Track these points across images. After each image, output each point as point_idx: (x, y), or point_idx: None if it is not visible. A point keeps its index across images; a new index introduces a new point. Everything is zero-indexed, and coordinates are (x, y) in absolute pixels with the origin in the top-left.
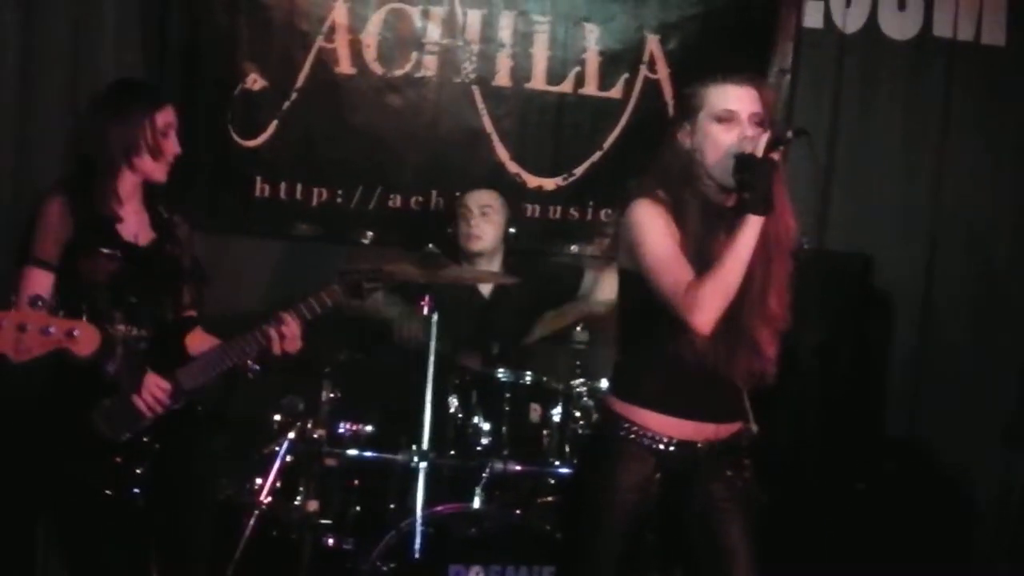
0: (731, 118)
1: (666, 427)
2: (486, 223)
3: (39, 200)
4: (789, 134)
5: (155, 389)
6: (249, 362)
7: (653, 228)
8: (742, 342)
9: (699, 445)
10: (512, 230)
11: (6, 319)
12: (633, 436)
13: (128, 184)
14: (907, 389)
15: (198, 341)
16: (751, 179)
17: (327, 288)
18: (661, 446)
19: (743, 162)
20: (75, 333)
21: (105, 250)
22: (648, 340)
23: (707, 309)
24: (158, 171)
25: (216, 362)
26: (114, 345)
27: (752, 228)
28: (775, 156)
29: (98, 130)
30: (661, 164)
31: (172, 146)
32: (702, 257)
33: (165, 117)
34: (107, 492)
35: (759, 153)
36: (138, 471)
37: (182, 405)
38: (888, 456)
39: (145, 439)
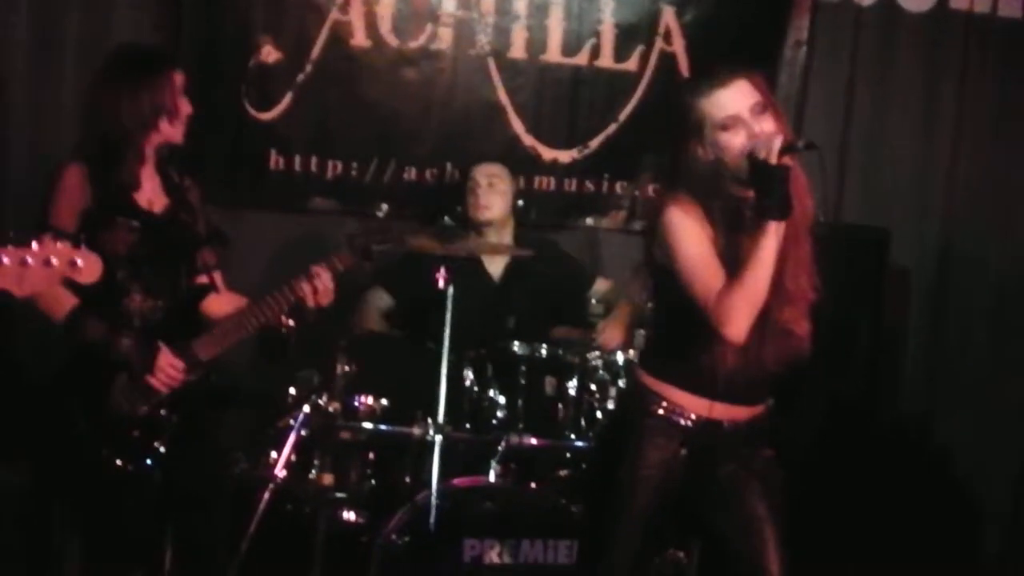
0: (734, 123)
1: (695, 406)
2: (493, 193)
3: (54, 168)
4: (801, 144)
5: (168, 368)
6: (284, 319)
7: (685, 233)
8: (771, 329)
9: (724, 424)
10: (520, 202)
11: (5, 254)
12: (662, 412)
13: (147, 149)
14: (923, 364)
15: (224, 302)
16: (766, 185)
17: (330, 257)
18: (689, 423)
19: (757, 169)
20: (77, 262)
21: (123, 219)
22: (683, 328)
23: (737, 319)
24: (177, 133)
25: (237, 327)
26: (128, 323)
27: (773, 234)
28: (787, 161)
29: (118, 98)
30: (685, 175)
31: (186, 106)
32: (735, 257)
33: (180, 77)
34: (125, 466)
35: (772, 159)
36: (156, 444)
37: (200, 376)
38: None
39: (163, 412)
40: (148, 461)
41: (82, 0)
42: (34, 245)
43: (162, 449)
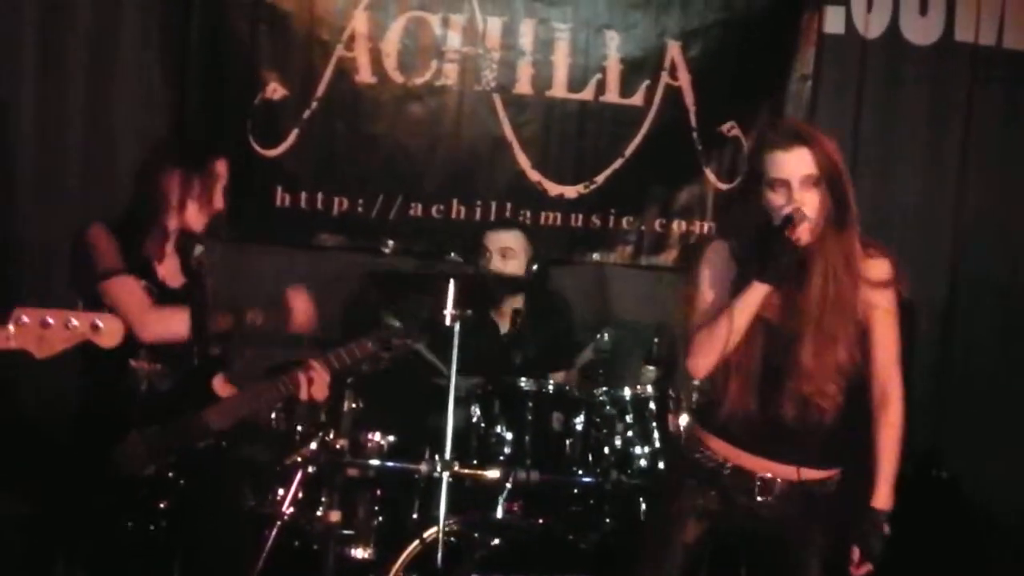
0: (782, 185)
1: (729, 454)
2: (505, 266)
3: (76, 235)
4: (793, 215)
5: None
6: (274, 407)
7: (705, 273)
8: (789, 395)
9: (757, 476)
10: (535, 267)
11: (26, 314)
12: (699, 456)
13: (170, 228)
14: (930, 393)
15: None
16: (767, 249)
17: (359, 341)
18: (719, 468)
19: (766, 232)
20: (99, 325)
21: (143, 282)
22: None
23: (696, 354)
24: (199, 222)
25: (242, 404)
26: (135, 385)
27: (755, 293)
28: (800, 236)
29: (158, 174)
30: (736, 205)
31: (218, 200)
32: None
33: (220, 168)
34: (129, 524)
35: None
36: (161, 505)
37: (208, 443)
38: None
39: (170, 474)
40: (156, 523)
41: (88, 40)
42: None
43: (166, 509)
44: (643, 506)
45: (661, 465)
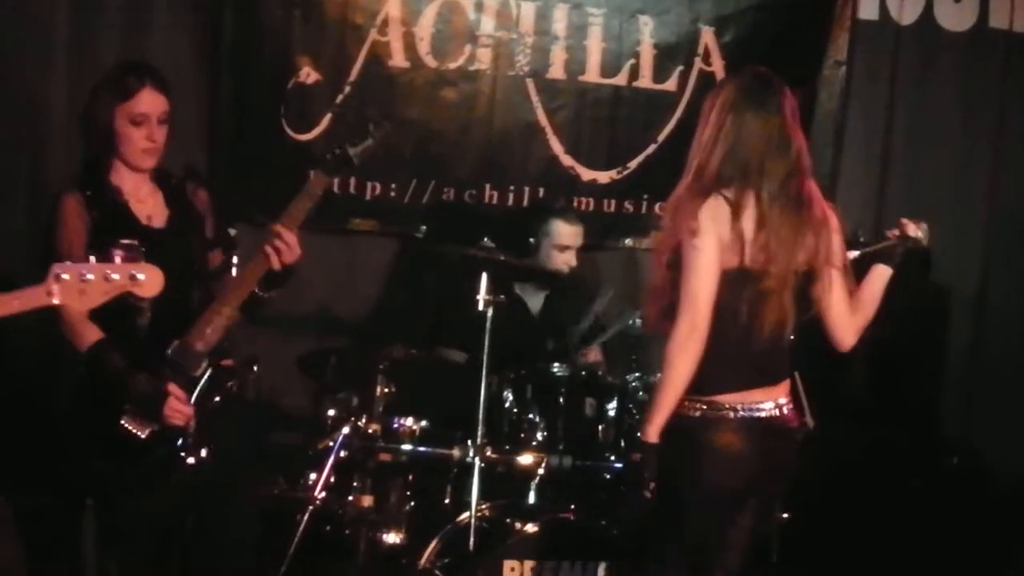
0: None
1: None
2: (557, 259)
3: (53, 201)
4: None
5: (175, 403)
6: (258, 291)
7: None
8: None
9: None
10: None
11: (66, 271)
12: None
13: (124, 171)
14: (963, 384)
15: None
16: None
17: (309, 184)
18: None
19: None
20: (138, 276)
21: (124, 241)
22: None
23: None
24: (142, 160)
25: (222, 310)
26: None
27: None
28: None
29: (96, 109)
30: None
31: (140, 138)
32: None
33: (135, 107)
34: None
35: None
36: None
37: (204, 368)
38: (944, 453)
39: (180, 441)
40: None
41: (120, 24)
42: (92, 259)
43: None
44: None
45: None
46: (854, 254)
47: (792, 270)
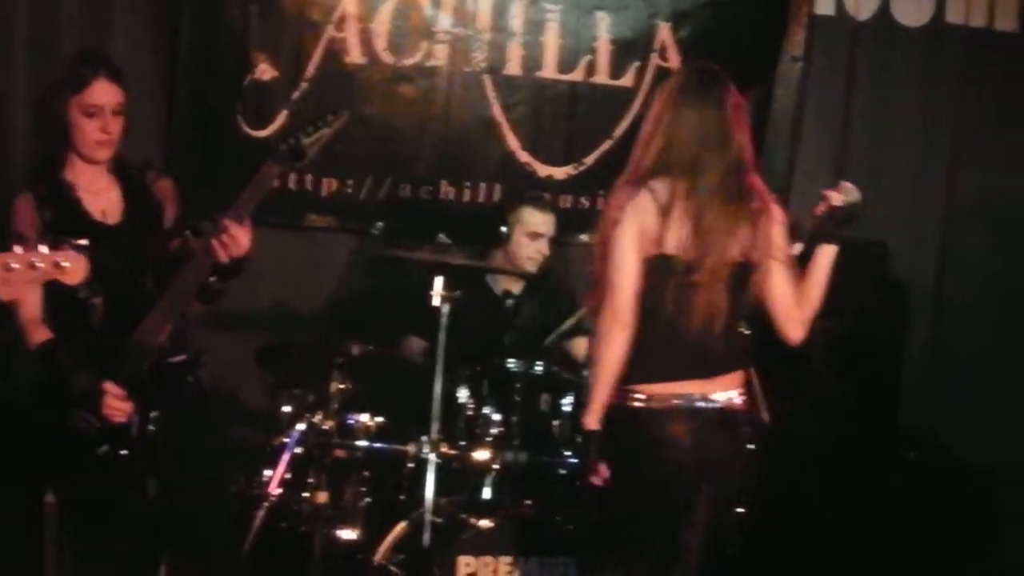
0: None
1: None
2: (528, 248)
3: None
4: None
5: (113, 400)
6: (210, 280)
7: None
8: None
9: None
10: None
11: None
12: None
13: (79, 165)
14: (922, 377)
15: None
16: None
17: (259, 174)
18: None
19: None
20: (62, 264)
21: (76, 242)
22: None
23: None
24: (96, 152)
25: (171, 305)
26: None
27: None
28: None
29: (52, 102)
30: None
31: (94, 130)
32: None
33: (88, 98)
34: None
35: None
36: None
37: (151, 363)
38: (903, 446)
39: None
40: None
41: (78, 19)
42: (17, 249)
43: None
44: None
45: None
46: (799, 246)
47: (725, 263)
